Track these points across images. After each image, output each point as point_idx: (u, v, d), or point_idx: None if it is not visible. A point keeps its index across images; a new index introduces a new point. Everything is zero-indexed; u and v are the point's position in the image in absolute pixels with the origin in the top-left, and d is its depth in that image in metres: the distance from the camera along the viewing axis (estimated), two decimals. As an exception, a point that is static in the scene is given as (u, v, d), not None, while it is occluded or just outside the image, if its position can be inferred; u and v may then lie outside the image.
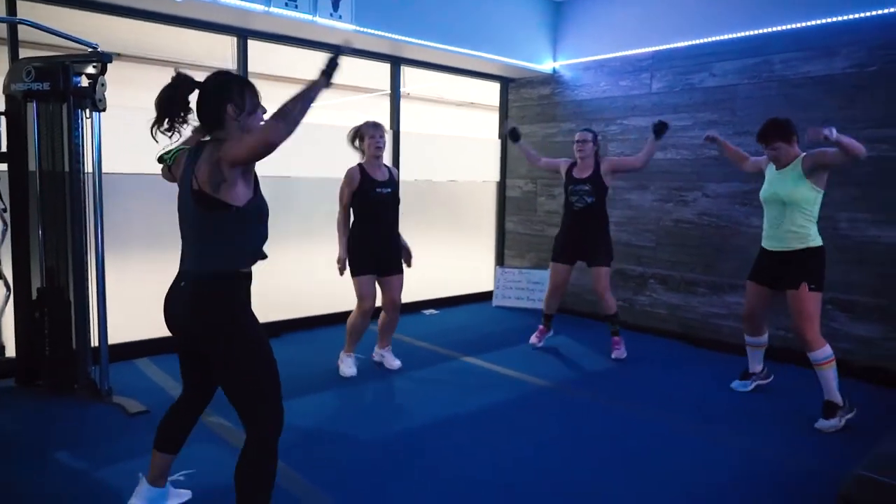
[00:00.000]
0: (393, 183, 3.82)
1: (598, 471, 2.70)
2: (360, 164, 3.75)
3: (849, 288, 4.03)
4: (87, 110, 3.18)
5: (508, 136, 4.59)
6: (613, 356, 4.31)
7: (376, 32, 4.49)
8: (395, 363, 4.03)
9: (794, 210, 3.24)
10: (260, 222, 1.96)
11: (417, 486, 2.53)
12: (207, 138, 1.95)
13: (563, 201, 4.46)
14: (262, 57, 5.01)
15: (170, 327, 1.99)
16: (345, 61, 1.95)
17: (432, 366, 4.11)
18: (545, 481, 2.59)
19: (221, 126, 1.90)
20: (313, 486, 2.50)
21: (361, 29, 4.38)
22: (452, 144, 5.98)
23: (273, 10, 3.91)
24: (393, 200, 3.83)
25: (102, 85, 3.13)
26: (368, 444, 2.92)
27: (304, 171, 4.80)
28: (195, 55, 4.95)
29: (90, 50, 3.13)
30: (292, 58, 4.91)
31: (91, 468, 2.59)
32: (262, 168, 1.97)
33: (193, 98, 1.91)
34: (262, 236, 2.02)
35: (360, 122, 3.81)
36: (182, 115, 1.89)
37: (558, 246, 4.44)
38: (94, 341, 3.37)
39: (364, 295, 3.76)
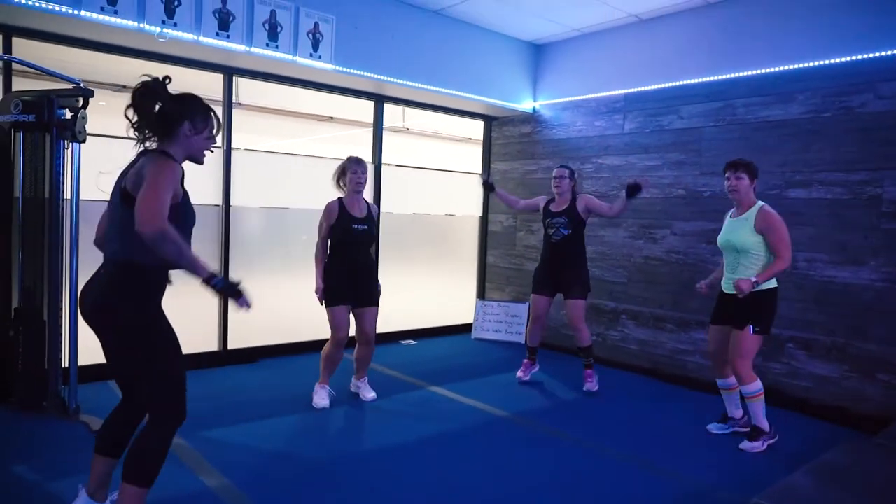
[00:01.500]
0: (370, 220, 3.91)
1: (524, 501, 2.76)
2: (339, 199, 3.86)
3: (807, 326, 4.10)
4: (68, 141, 3.37)
5: (483, 188, 4.75)
6: (585, 388, 4.36)
7: (356, 72, 4.71)
8: (369, 395, 4.08)
9: (746, 256, 3.37)
10: (176, 224, 1.99)
11: (355, 507, 2.61)
12: (146, 147, 2.11)
13: (542, 235, 4.57)
14: (257, 90, 5.27)
15: (82, 313, 2.13)
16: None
17: (396, 394, 4.20)
18: (480, 506, 2.66)
19: (170, 139, 2.09)
20: (254, 502, 2.59)
21: (341, 69, 4.60)
22: (437, 179, 6.16)
23: (254, 49, 4.14)
24: (368, 237, 3.92)
25: (83, 118, 3.34)
26: (311, 465, 3.01)
27: (287, 201, 4.98)
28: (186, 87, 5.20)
29: (73, 85, 3.35)
30: (285, 93, 5.16)
31: (44, 480, 2.70)
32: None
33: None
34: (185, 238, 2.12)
35: (345, 155, 3.92)
36: (150, 122, 2.07)
37: (537, 277, 4.55)
38: (66, 361, 3.50)
39: (337, 325, 3.83)
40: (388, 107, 5.68)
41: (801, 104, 4.15)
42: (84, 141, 3.38)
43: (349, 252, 3.87)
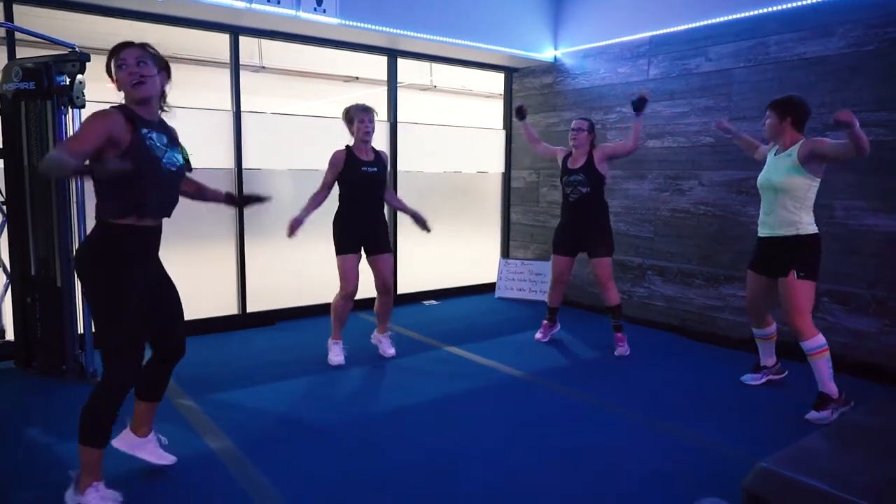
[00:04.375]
0: (380, 163, 3.85)
1: (536, 462, 2.68)
2: (347, 146, 3.81)
3: (844, 279, 3.84)
4: (69, 107, 3.35)
5: (515, 112, 4.51)
6: (616, 353, 4.18)
7: (364, 26, 4.54)
8: (389, 350, 4.08)
9: (785, 197, 3.13)
10: (129, 185, 2.03)
11: (355, 468, 2.58)
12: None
13: (561, 193, 4.40)
14: (282, 54, 5.19)
15: None
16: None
17: (413, 355, 4.15)
18: (481, 468, 2.60)
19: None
20: (254, 464, 2.58)
21: (347, 22, 4.44)
22: (457, 136, 5.98)
23: (255, 6, 4.01)
24: (379, 179, 3.85)
25: (81, 83, 3.31)
26: (318, 427, 2.99)
27: (302, 163, 4.91)
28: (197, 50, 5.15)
29: (69, 50, 3.30)
30: (310, 54, 5.06)
31: (55, 443, 2.76)
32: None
33: None
34: (140, 195, 2.08)
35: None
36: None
37: (557, 238, 4.38)
38: (81, 327, 3.56)
39: (346, 274, 3.80)
40: (415, 65, 5.49)
41: (841, 38, 3.80)
42: (83, 107, 3.35)
43: (360, 198, 3.81)
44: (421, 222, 3.89)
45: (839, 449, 1.93)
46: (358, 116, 3.74)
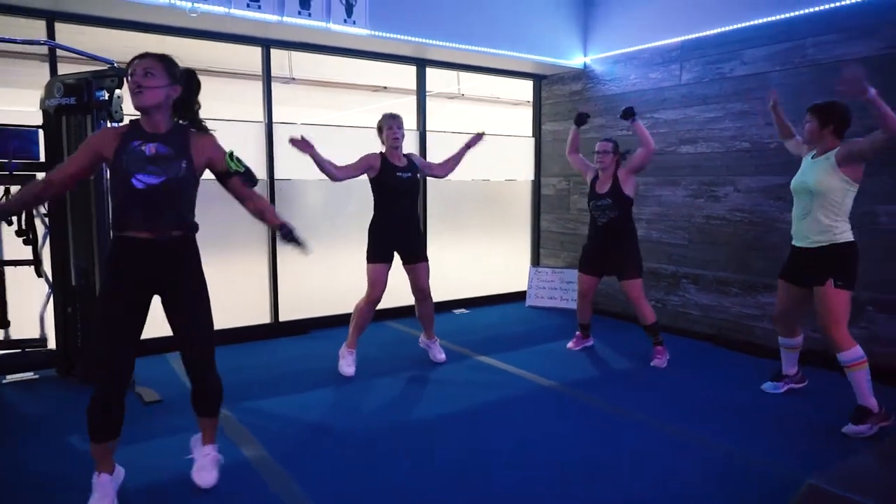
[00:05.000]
0: (413, 168, 3.89)
1: (567, 473, 2.64)
2: (381, 152, 3.85)
3: (889, 287, 3.71)
4: (108, 121, 3.44)
5: (576, 118, 4.36)
6: (652, 363, 4.10)
7: (393, 36, 4.57)
8: (439, 356, 4.13)
9: (821, 201, 3.02)
10: (117, 196, 2.15)
11: (387, 477, 2.58)
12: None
13: (589, 214, 4.33)
14: (311, 65, 5.25)
15: None
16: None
17: (443, 364, 4.14)
18: (512, 480, 2.56)
19: None
20: (288, 473, 2.59)
21: (377, 33, 4.48)
22: (486, 143, 5.95)
23: (286, 19, 4.07)
24: (413, 185, 3.89)
25: (119, 97, 3.39)
26: (352, 437, 2.99)
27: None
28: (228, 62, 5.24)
29: (108, 66, 3.39)
30: (339, 65, 5.12)
31: (94, 451, 2.81)
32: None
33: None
34: (122, 208, 2.15)
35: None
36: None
37: (584, 257, 4.33)
38: (119, 335, 3.63)
39: (374, 282, 3.83)
40: (442, 73, 5.52)
41: (883, 38, 3.70)
42: (121, 120, 3.42)
43: (395, 205, 3.84)
44: (475, 141, 4.04)
45: (891, 467, 1.85)
46: (387, 123, 3.82)
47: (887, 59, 3.68)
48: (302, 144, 3.52)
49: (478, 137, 4.06)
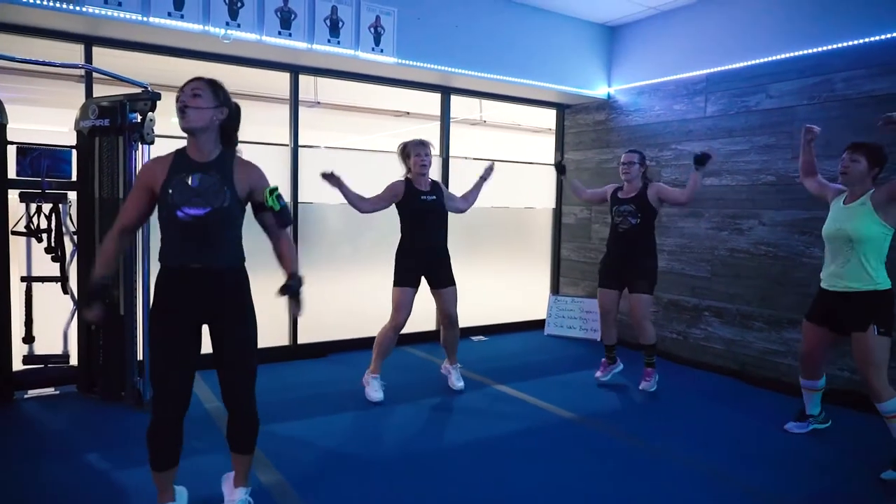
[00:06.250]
0: (438, 192, 3.92)
1: (595, 510, 2.59)
2: (406, 178, 3.88)
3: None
4: (139, 143, 3.51)
5: (556, 169, 4.50)
6: (641, 387, 4.10)
7: (420, 65, 4.63)
8: (458, 383, 4.11)
9: (861, 248, 2.96)
10: (165, 228, 2.17)
11: (404, 510, 2.54)
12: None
13: (610, 224, 4.33)
14: (336, 89, 5.33)
15: None
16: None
17: (460, 392, 4.10)
18: (535, 516, 2.52)
19: None
20: (303, 499, 2.57)
21: (404, 62, 4.54)
22: (507, 171, 5.98)
23: (316, 46, 4.15)
24: (438, 208, 3.91)
25: (151, 120, 3.46)
26: (367, 465, 2.97)
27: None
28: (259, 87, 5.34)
29: (142, 90, 3.47)
30: (363, 90, 5.21)
31: (112, 469, 2.82)
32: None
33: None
34: (168, 240, 2.18)
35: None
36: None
37: (602, 270, 4.31)
38: (140, 354, 3.66)
39: (399, 306, 3.83)
40: (464, 100, 5.58)
41: (913, 75, 3.66)
42: (153, 143, 3.50)
43: (423, 229, 3.87)
44: (486, 174, 4.11)
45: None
46: (415, 151, 3.84)
47: (918, 95, 3.64)
48: (333, 179, 3.59)
49: (489, 170, 4.11)
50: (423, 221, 3.87)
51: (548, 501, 2.64)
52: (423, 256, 3.87)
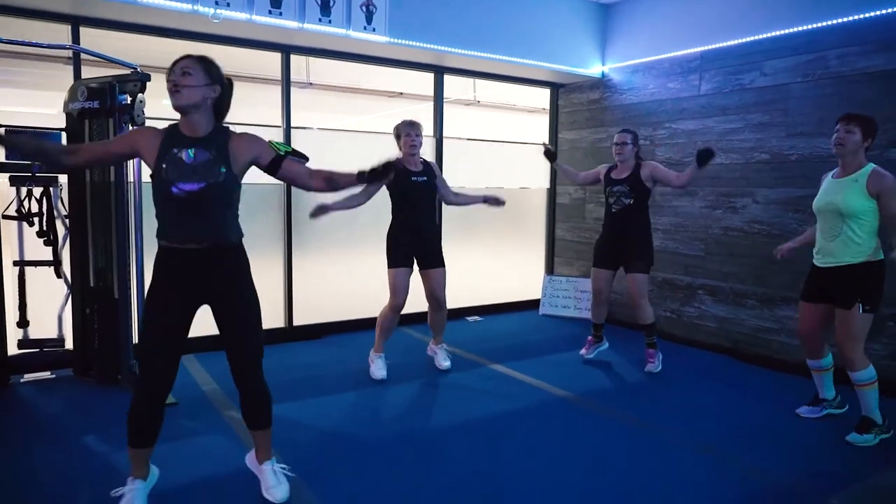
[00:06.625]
0: (430, 172, 3.92)
1: (582, 486, 2.61)
2: (397, 158, 3.85)
3: (911, 303, 3.65)
4: (129, 125, 3.47)
5: (545, 156, 4.46)
6: (646, 369, 4.13)
7: (413, 44, 4.58)
8: (444, 363, 4.14)
9: (852, 222, 2.97)
10: (160, 205, 2.15)
11: (400, 486, 2.57)
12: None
13: (604, 205, 4.33)
14: (328, 70, 5.27)
15: None
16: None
17: (457, 372, 4.12)
18: (525, 491, 2.54)
19: None
20: (301, 479, 2.59)
21: (396, 41, 4.49)
22: (500, 151, 5.97)
23: (307, 26, 4.10)
24: (429, 189, 3.92)
25: (141, 102, 3.42)
26: (364, 445, 2.99)
27: (346, 179, 4.97)
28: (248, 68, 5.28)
29: (131, 71, 3.43)
30: (356, 70, 5.15)
31: (109, 451, 2.83)
32: None
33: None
34: (163, 217, 2.16)
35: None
36: None
37: (597, 250, 4.32)
38: (136, 337, 3.66)
39: (396, 288, 3.85)
40: (458, 80, 5.54)
41: (907, 51, 3.65)
42: (143, 124, 3.45)
43: (411, 209, 3.88)
44: (493, 201, 3.95)
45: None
46: (405, 131, 3.85)
47: (912, 72, 3.64)
48: (323, 210, 3.51)
49: (497, 203, 3.95)
50: (413, 202, 3.88)
51: (544, 479, 2.67)
52: (414, 236, 3.89)
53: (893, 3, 3.69)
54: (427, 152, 5.31)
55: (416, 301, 4.26)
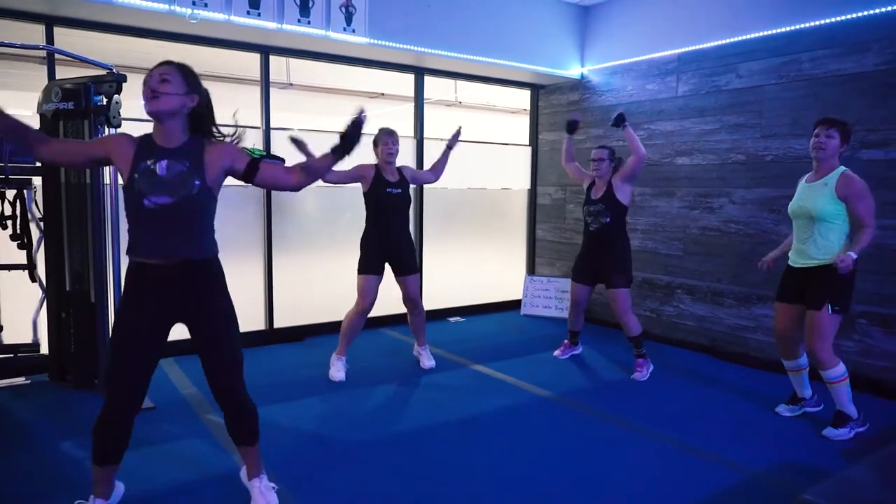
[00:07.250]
0: (404, 184, 3.96)
1: (562, 485, 2.64)
2: (375, 164, 3.92)
3: (884, 300, 3.74)
4: (105, 126, 3.43)
5: (567, 126, 4.36)
6: (633, 377, 4.10)
7: (392, 45, 4.59)
8: (428, 363, 4.20)
9: (823, 225, 3.03)
10: (133, 218, 2.07)
11: (381, 487, 2.57)
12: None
13: (582, 220, 4.33)
14: (308, 71, 5.24)
15: None
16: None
17: (438, 373, 4.13)
18: (506, 491, 2.56)
19: None
20: (280, 482, 2.58)
21: (376, 42, 4.49)
22: (482, 152, 5.98)
23: (286, 26, 4.08)
24: (403, 201, 3.98)
25: (117, 103, 3.38)
26: (344, 447, 2.98)
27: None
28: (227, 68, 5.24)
29: (106, 72, 3.39)
30: (336, 71, 5.13)
31: (86, 457, 2.74)
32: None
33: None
34: (134, 231, 2.08)
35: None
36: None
37: (577, 265, 4.35)
38: (113, 341, 3.61)
39: (364, 293, 3.92)
40: (439, 81, 5.55)
41: (877, 54, 3.74)
42: (119, 126, 3.42)
43: (386, 219, 3.92)
44: (453, 139, 4.10)
45: (885, 481, 1.86)
46: (382, 139, 3.89)
47: (880, 74, 3.72)
48: (300, 145, 3.44)
49: (456, 136, 4.12)
50: (387, 212, 3.92)
51: (526, 478, 2.69)
52: (387, 246, 3.94)
53: (863, 6, 3.77)
54: (408, 153, 5.32)
55: (397, 302, 4.27)
